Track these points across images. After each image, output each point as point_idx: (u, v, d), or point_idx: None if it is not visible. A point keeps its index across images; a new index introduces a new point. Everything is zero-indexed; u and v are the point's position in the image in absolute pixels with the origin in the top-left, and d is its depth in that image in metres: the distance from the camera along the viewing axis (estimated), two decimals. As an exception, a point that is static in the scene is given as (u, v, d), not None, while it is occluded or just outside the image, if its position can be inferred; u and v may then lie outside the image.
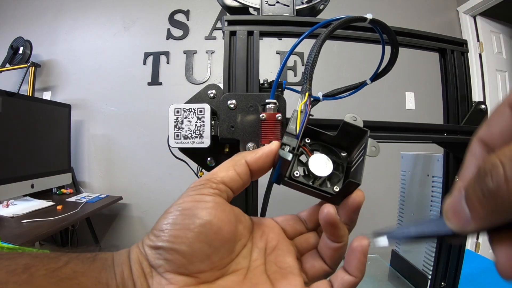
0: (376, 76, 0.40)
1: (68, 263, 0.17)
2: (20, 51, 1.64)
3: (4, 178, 1.14)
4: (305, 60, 1.70)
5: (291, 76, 1.71)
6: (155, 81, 1.69)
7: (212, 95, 0.36)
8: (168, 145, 0.34)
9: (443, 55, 0.47)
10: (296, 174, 0.22)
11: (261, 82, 0.41)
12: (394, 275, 0.68)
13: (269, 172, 0.24)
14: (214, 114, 0.34)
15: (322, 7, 0.50)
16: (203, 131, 0.33)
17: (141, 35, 1.74)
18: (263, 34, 0.39)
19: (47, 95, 1.73)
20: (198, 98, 0.36)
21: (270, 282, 0.21)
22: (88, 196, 1.47)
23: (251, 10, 0.47)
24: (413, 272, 0.61)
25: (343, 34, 0.41)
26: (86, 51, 1.75)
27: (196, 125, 0.33)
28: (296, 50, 1.37)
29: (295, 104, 0.23)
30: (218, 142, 0.34)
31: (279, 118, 0.30)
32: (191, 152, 0.36)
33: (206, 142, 0.33)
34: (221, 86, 0.37)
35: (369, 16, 0.31)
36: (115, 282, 0.18)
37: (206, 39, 1.72)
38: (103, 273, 0.18)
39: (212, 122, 0.33)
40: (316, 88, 0.31)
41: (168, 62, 1.71)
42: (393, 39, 0.35)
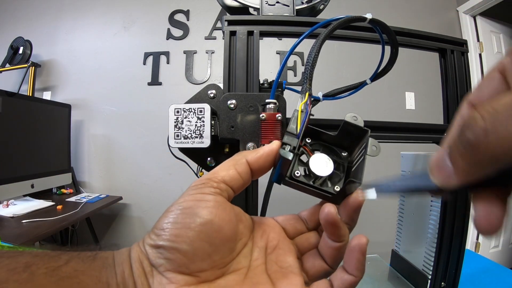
0: (376, 76, 0.40)
1: (68, 262, 0.17)
2: (20, 51, 1.64)
3: (4, 178, 1.14)
4: (305, 60, 1.70)
5: (291, 76, 1.71)
6: (155, 81, 1.69)
7: (212, 95, 0.36)
8: (168, 145, 0.34)
9: (443, 55, 0.47)
10: (297, 174, 0.22)
11: (261, 82, 0.41)
12: (394, 275, 0.68)
13: (269, 172, 0.24)
14: (214, 114, 0.34)
15: (322, 7, 0.50)
16: (203, 131, 0.33)
17: (141, 35, 1.74)
18: (263, 34, 0.39)
19: (47, 95, 1.73)
20: (198, 98, 0.36)
21: (270, 281, 0.21)
22: (88, 196, 1.47)
23: (251, 10, 0.47)
24: (413, 272, 0.61)
25: (343, 34, 0.41)
26: (86, 51, 1.75)
27: (196, 125, 0.33)
28: (296, 50, 1.37)
29: (295, 104, 0.24)
30: (218, 142, 0.34)
31: (279, 118, 0.30)
32: (191, 152, 0.36)
33: (206, 142, 0.33)
34: (221, 86, 0.37)
35: (369, 16, 0.31)
36: (116, 281, 0.18)
37: (206, 39, 1.72)
38: (104, 272, 0.18)
39: (212, 122, 0.33)
40: (316, 88, 0.31)
41: (168, 62, 1.71)
42: (393, 39, 0.35)
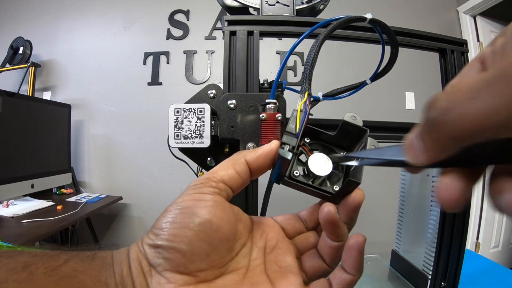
0: (376, 76, 0.40)
1: (67, 262, 0.17)
2: (20, 51, 1.64)
3: (4, 178, 1.14)
4: (305, 60, 1.70)
5: (291, 76, 1.71)
6: (155, 81, 1.69)
7: (212, 95, 0.36)
8: (168, 145, 0.34)
9: (443, 55, 0.47)
10: (296, 174, 0.22)
11: (261, 82, 0.41)
12: (394, 275, 0.68)
13: (269, 172, 0.24)
14: (214, 114, 0.34)
15: (322, 7, 0.50)
16: (203, 131, 0.33)
17: (141, 35, 1.73)
18: (263, 34, 0.39)
19: (47, 95, 1.73)
20: (198, 98, 0.36)
21: (269, 281, 0.21)
22: (88, 196, 1.47)
23: (251, 10, 0.47)
24: (413, 272, 0.61)
25: (343, 34, 0.41)
26: (86, 51, 1.75)
27: (196, 125, 0.33)
28: (296, 50, 1.38)
29: (295, 104, 0.24)
30: (218, 142, 0.34)
31: (279, 118, 0.30)
32: (191, 152, 0.36)
33: (206, 142, 0.33)
34: (221, 86, 0.37)
35: (368, 16, 0.31)
36: (114, 280, 0.18)
37: (206, 39, 1.72)
38: (103, 271, 0.18)
39: (212, 122, 0.33)
40: (316, 88, 0.31)
41: (168, 62, 1.71)
42: (393, 39, 0.35)
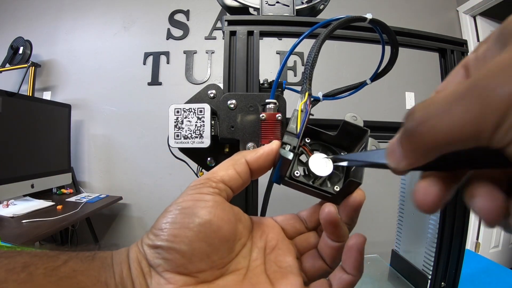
0: (376, 76, 0.40)
1: (67, 262, 0.17)
2: (20, 51, 1.64)
3: (4, 178, 1.14)
4: (305, 60, 1.70)
5: (291, 76, 1.71)
6: (155, 81, 1.69)
7: (212, 95, 0.36)
8: (168, 145, 0.34)
9: (443, 55, 0.47)
10: (297, 174, 0.22)
11: (261, 82, 0.41)
12: (394, 275, 0.68)
13: (269, 172, 0.24)
14: (214, 114, 0.34)
15: (322, 7, 0.50)
16: (203, 131, 0.33)
17: (141, 35, 1.73)
18: (263, 34, 0.39)
19: (47, 95, 1.73)
20: (198, 98, 0.36)
21: (269, 281, 0.21)
22: (88, 196, 1.47)
23: (251, 10, 0.47)
24: (413, 272, 0.61)
25: (343, 34, 0.41)
26: (86, 51, 1.75)
27: (196, 125, 0.33)
28: (296, 50, 1.37)
29: (295, 104, 0.23)
30: (218, 142, 0.34)
31: (279, 118, 0.30)
32: (191, 152, 0.36)
33: (206, 142, 0.33)
34: (221, 86, 0.37)
35: (369, 16, 0.31)
36: (114, 281, 0.18)
37: (206, 39, 1.72)
38: (102, 272, 0.18)
39: (212, 122, 0.33)
40: (316, 88, 0.31)
41: (168, 62, 1.71)
42: (393, 39, 0.35)
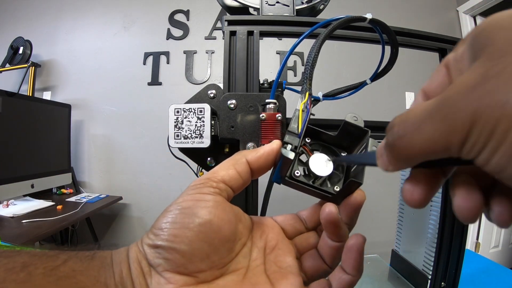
0: (376, 76, 0.40)
1: (66, 262, 0.17)
2: (20, 51, 1.64)
3: (4, 178, 1.14)
4: (305, 60, 1.70)
5: (291, 76, 1.71)
6: (155, 81, 1.69)
7: (212, 95, 0.36)
8: (168, 145, 0.34)
9: (443, 55, 0.47)
10: (297, 174, 0.22)
11: (261, 82, 0.41)
12: (394, 275, 0.68)
13: (269, 172, 0.24)
14: (214, 114, 0.34)
15: (322, 7, 0.50)
16: (203, 131, 0.33)
17: (141, 35, 1.73)
18: (263, 34, 0.39)
19: (47, 95, 1.73)
20: (198, 98, 0.36)
21: (269, 282, 0.21)
22: (88, 196, 1.47)
23: (251, 10, 0.47)
24: (413, 272, 0.61)
25: (343, 34, 0.41)
26: (86, 51, 1.75)
27: (196, 125, 0.33)
28: (296, 50, 1.37)
29: (295, 104, 0.23)
30: (218, 142, 0.34)
31: (279, 118, 0.30)
32: (191, 152, 0.36)
33: (206, 142, 0.33)
34: (221, 86, 0.37)
35: (368, 16, 0.31)
36: (114, 281, 0.18)
37: (206, 39, 1.72)
38: (102, 271, 0.18)
39: (212, 122, 0.33)
40: (316, 88, 0.31)
41: (168, 62, 1.71)
42: (393, 39, 0.34)
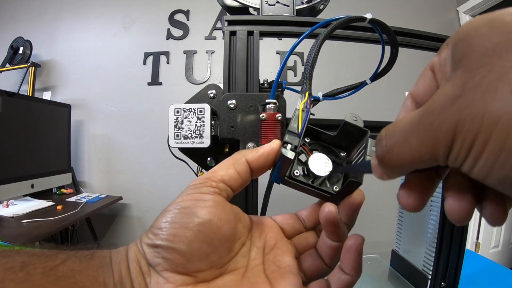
0: (376, 76, 0.40)
1: (65, 261, 0.17)
2: (20, 51, 1.64)
3: (4, 178, 1.14)
4: (305, 60, 1.70)
5: (291, 76, 1.71)
6: (155, 81, 1.69)
7: (212, 95, 0.36)
8: (168, 145, 0.34)
9: (443, 55, 0.47)
10: (296, 173, 0.22)
11: (261, 82, 0.41)
12: (394, 275, 0.68)
13: (269, 171, 0.24)
14: (214, 114, 0.34)
15: (322, 7, 0.50)
16: (203, 131, 0.33)
17: (141, 35, 1.73)
18: (263, 34, 0.39)
19: (47, 95, 1.73)
20: (198, 98, 0.36)
21: (268, 281, 0.21)
22: (88, 196, 1.47)
23: (251, 10, 0.47)
24: (413, 272, 0.61)
25: (343, 34, 0.41)
26: (86, 51, 1.75)
27: (196, 125, 0.33)
28: (296, 50, 1.37)
29: (295, 104, 0.23)
30: (218, 142, 0.34)
31: (279, 118, 0.30)
32: (191, 152, 0.36)
33: (206, 142, 0.33)
34: (221, 86, 0.37)
35: (368, 16, 0.31)
36: (113, 280, 0.18)
37: (206, 39, 1.72)
38: (101, 271, 0.18)
39: (212, 122, 0.33)
40: (316, 88, 0.31)
41: (168, 62, 1.71)
42: (393, 39, 0.34)
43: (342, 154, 0.25)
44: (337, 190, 0.22)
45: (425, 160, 0.12)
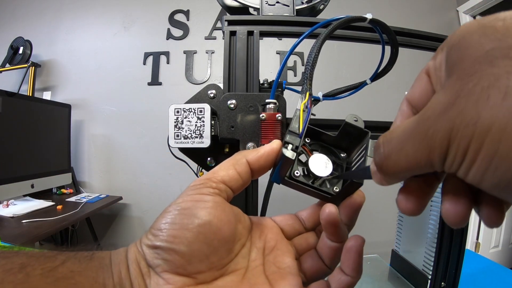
0: (376, 76, 0.40)
1: (65, 262, 0.17)
2: (20, 51, 1.64)
3: (4, 178, 1.14)
4: (305, 60, 1.70)
5: (291, 76, 1.71)
6: (155, 81, 1.69)
7: (212, 95, 0.36)
8: (168, 145, 0.34)
9: (443, 55, 0.47)
10: (297, 174, 0.22)
11: (261, 82, 0.41)
12: (394, 275, 0.68)
13: (269, 172, 0.24)
14: (214, 114, 0.34)
15: (322, 7, 0.50)
16: (203, 131, 0.33)
17: (141, 35, 1.73)
18: (263, 34, 0.39)
19: (47, 95, 1.73)
20: (198, 98, 0.36)
21: (268, 282, 0.20)
22: (88, 196, 1.47)
23: (251, 10, 0.47)
24: (413, 272, 0.61)
25: (343, 34, 0.41)
26: (86, 51, 1.75)
27: (196, 125, 0.33)
28: (296, 50, 1.37)
29: (295, 104, 0.23)
30: (218, 142, 0.34)
31: (279, 118, 0.30)
32: (191, 152, 0.36)
33: (206, 142, 0.33)
34: (221, 86, 0.36)
35: (369, 16, 0.31)
36: (112, 281, 0.18)
37: (206, 39, 1.72)
38: (100, 272, 0.18)
39: (212, 122, 0.33)
40: (316, 88, 0.31)
41: (168, 62, 1.71)
42: (393, 39, 0.34)
43: (343, 155, 0.24)
44: (337, 190, 0.22)
45: (421, 166, 0.13)
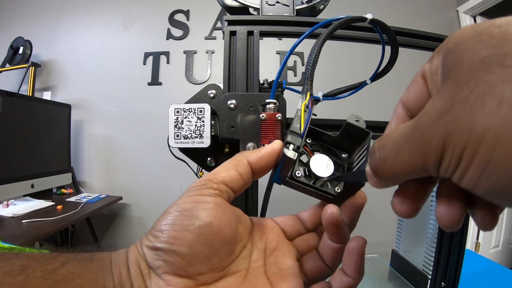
0: (376, 76, 0.40)
1: (65, 264, 0.17)
2: (20, 51, 1.64)
3: (4, 178, 1.14)
4: (305, 60, 1.70)
5: (291, 76, 1.71)
6: (155, 81, 1.69)
7: (212, 95, 0.36)
8: (168, 145, 0.34)
9: (443, 55, 0.47)
10: (298, 174, 0.22)
11: (261, 82, 0.41)
12: (394, 275, 0.68)
13: (269, 172, 0.24)
14: (214, 114, 0.34)
15: (322, 7, 0.50)
16: (203, 131, 0.33)
17: (141, 35, 1.73)
18: (263, 34, 0.39)
19: (47, 95, 1.73)
20: (198, 98, 0.36)
21: (270, 283, 0.20)
22: (88, 196, 1.47)
23: (251, 10, 0.47)
24: (413, 272, 0.61)
25: (343, 34, 0.41)
26: (86, 51, 1.74)
27: (196, 125, 0.33)
28: (296, 50, 1.37)
29: (295, 104, 0.23)
30: (218, 142, 0.34)
31: (279, 118, 0.30)
32: (191, 152, 0.36)
33: (206, 142, 0.33)
34: (221, 86, 0.36)
35: (369, 16, 0.31)
36: (113, 283, 0.18)
37: (206, 39, 1.72)
38: (101, 274, 0.18)
39: (212, 122, 0.33)
40: (316, 88, 0.31)
41: (168, 62, 1.71)
42: (393, 39, 0.34)
43: (344, 155, 0.24)
44: (338, 191, 0.22)
45: (417, 171, 0.13)
